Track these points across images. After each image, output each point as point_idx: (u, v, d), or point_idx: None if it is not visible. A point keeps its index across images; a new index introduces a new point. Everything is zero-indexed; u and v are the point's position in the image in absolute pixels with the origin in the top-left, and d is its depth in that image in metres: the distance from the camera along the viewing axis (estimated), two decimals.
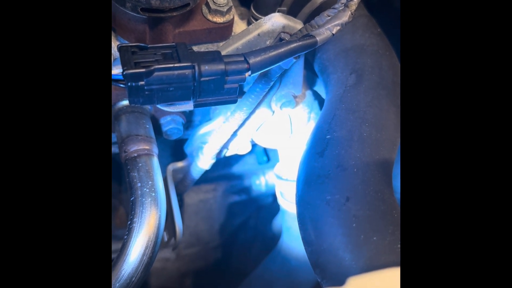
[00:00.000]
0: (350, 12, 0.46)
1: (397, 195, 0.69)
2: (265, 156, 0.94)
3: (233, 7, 0.55)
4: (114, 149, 0.64)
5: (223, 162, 0.90)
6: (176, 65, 0.40)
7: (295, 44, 0.45)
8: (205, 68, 0.42)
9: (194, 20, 0.54)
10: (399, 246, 0.38)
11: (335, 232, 0.40)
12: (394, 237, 0.38)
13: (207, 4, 0.55)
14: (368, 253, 0.38)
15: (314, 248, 0.42)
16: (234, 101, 0.46)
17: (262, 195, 0.99)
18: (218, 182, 0.93)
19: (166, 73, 0.40)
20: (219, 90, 0.44)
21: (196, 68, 0.41)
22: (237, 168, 0.92)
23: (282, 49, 0.45)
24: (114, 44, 0.52)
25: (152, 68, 0.39)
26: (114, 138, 0.62)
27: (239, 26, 0.61)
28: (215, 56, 0.43)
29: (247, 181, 0.94)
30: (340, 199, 0.41)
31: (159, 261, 1.00)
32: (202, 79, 0.42)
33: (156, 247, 0.49)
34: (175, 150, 0.85)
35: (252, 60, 0.44)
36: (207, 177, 0.88)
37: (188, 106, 0.45)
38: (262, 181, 0.93)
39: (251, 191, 0.97)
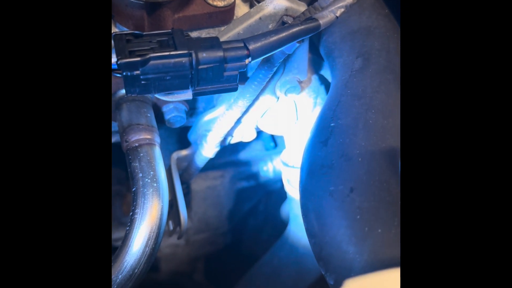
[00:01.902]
0: None
1: None
2: (272, 142, 0.93)
3: None
4: (117, 138, 0.64)
5: (230, 149, 0.89)
6: (172, 53, 0.39)
7: (297, 28, 0.43)
8: (203, 55, 0.40)
9: (194, 5, 0.53)
10: None
11: (339, 224, 0.39)
12: (400, 229, 0.37)
13: None
14: (372, 246, 0.37)
15: (317, 240, 0.40)
16: (235, 89, 0.45)
17: (270, 181, 0.98)
18: (225, 168, 0.92)
19: (162, 61, 0.39)
20: (218, 78, 0.42)
21: (193, 55, 0.40)
22: (244, 155, 0.91)
23: (284, 34, 0.43)
24: (113, 31, 0.51)
25: (148, 56, 0.38)
26: (116, 127, 0.61)
27: (242, 9, 0.59)
28: (213, 43, 0.41)
29: (254, 167, 0.93)
30: (344, 190, 0.40)
31: (168, 247, 1.01)
32: (200, 67, 0.40)
33: (158, 238, 0.49)
34: (181, 136, 0.84)
35: (252, 46, 0.42)
36: (214, 163, 0.87)
37: (187, 95, 0.43)
38: (269, 167, 0.92)
39: (259, 177, 0.96)
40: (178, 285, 1.07)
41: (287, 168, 0.70)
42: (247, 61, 0.43)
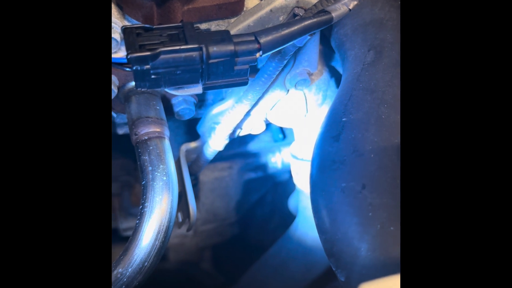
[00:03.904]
0: None
1: None
2: (281, 134, 0.92)
3: None
4: (126, 129, 0.63)
5: (238, 140, 0.89)
6: (182, 47, 0.38)
7: (309, 21, 0.42)
8: (214, 49, 0.40)
9: None
10: None
11: (350, 220, 0.38)
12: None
13: None
14: (385, 244, 0.36)
15: (329, 237, 0.40)
16: (245, 83, 0.44)
17: (278, 172, 0.98)
18: (233, 160, 0.92)
19: (173, 55, 0.38)
20: (229, 72, 0.42)
21: (204, 49, 0.39)
22: (252, 146, 0.91)
23: (295, 27, 0.42)
24: (122, 23, 0.50)
25: (158, 51, 0.38)
26: (125, 119, 0.61)
27: (252, 0, 0.58)
28: (224, 36, 0.41)
29: (262, 158, 0.93)
30: (355, 186, 0.39)
31: (177, 237, 1.01)
32: (211, 61, 0.40)
33: (168, 231, 0.49)
34: (190, 128, 0.84)
35: (263, 40, 0.41)
36: (222, 155, 0.87)
37: (197, 89, 0.43)
38: (278, 159, 0.92)
39: (267, 169, 0.95)
40: (187, 273, 1.08)
41: (297, 161, 0.70)
42: (258, 54, 0.42)
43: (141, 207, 0.48)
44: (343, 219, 0.39)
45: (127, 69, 0.41)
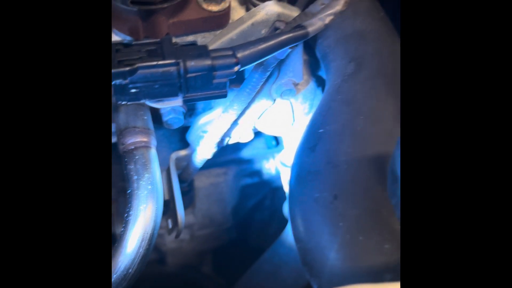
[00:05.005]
0: (344, 1, 0.44)
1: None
2: (274, 140, 0.93)
3: None
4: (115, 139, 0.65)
5: (232, 147, 0.90)
6: (160, 62, 0.40)
7: (285, 36, 0.44)
8: (191, 64, 0.41)
9: (188, 9, 0.53)
10: (386, 246, 0.37)
11: (322, 230, 0.39)
12: (381, 237, 0.38)
13: None
14: (353, 253, 0.37)
15: (303, 245, 0.41)
16: (225, 95, 0.45)
17: (275, 177, 0.99)
18: (228, 166, 0.93)
19: (150, 70, 0.40)
20: (207, 85, 0.43)
21: (181, 64, 0.41)
22: (246, 153, 0.92)
23: (272, 42, 0.44)
24: None
25: (136, 66, 0.39)
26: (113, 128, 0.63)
27: (238, 12, 0.59)
28: (202, 51, 0.42)
29: (257, 165, 0.94)
30: (328, 196, 0.40)
31: (174, 242, 1.03)
32: (189, 75, 0.41)
33: (152, 239, 0.50)
34: (183, 134, 0.85)
35: (240, 54, 0.43)
36: (216, 161, 0.88)
37: (176, 101, 0.44)
38: (272, 165, 0.93)
39: (262, 175, 0.97)
40: (186, 277, 1.10)
41: (286, 169, 0.71)
42: (236, 68, 0.43)
43: (126, 215, 0.50)
44: (316, 228, 0.40)
45: None
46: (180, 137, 0.86)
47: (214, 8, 0.53)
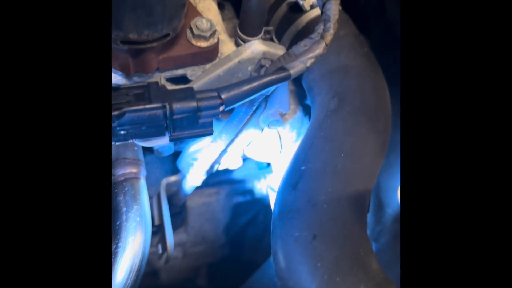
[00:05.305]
0: (325, 44, 0.46)
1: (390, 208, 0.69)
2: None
3: (217, 31, 0.56)
4: None
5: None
6: (147, 106, 0.41)
7: (268, 79, 0.45)
8: (177, 106, 0.43)
9: (178, 45, 0.55)
10: (361, 287, 0.39)
11: (302, 269, 0.41)
12: (357, 278, 0.39)
13: (191, 29, 0.55)
14: None
15: (284, 283, 0.43)
16: (211, 133, 0.47)
17: (265, 196, 1.01)
18: (220, 186, 0.95)
19: (138, 114, 0.41)
20: (193, 125, 0.45)
21: (168, 107, 0.42)
22: (238, 173, 0.94)
23: (255, 84, 0.45)
24: None
25: (123, 110, 0.41)
26: None
27: (227, 46, 0.61)
28: (187, 94, 0.44)
29: (248, 184, 0.96)
30: (307, 236, 0.42)
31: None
32: (175, 117, 0.43)
33: (140, 270, 0.52)
34: (176, 156, 0.87)
35: (225, 95, 0.44)
36: (208, 182, 0.90)
37: (164, 140, 0.46)
38: (263, 185, 0.95)
39: (254, 194, 0.98)
40: None
41: (274, 194, 0.72)
42: (221, 108, 0.45)
43: (114, 246, 0.51)
44: (295, 267, 0.41)
45: None
46: (172, 159, 0.88)
47: (203, 44, 0.55)
